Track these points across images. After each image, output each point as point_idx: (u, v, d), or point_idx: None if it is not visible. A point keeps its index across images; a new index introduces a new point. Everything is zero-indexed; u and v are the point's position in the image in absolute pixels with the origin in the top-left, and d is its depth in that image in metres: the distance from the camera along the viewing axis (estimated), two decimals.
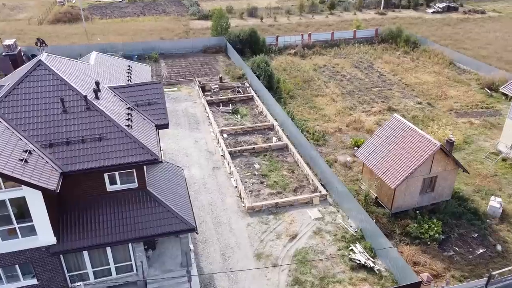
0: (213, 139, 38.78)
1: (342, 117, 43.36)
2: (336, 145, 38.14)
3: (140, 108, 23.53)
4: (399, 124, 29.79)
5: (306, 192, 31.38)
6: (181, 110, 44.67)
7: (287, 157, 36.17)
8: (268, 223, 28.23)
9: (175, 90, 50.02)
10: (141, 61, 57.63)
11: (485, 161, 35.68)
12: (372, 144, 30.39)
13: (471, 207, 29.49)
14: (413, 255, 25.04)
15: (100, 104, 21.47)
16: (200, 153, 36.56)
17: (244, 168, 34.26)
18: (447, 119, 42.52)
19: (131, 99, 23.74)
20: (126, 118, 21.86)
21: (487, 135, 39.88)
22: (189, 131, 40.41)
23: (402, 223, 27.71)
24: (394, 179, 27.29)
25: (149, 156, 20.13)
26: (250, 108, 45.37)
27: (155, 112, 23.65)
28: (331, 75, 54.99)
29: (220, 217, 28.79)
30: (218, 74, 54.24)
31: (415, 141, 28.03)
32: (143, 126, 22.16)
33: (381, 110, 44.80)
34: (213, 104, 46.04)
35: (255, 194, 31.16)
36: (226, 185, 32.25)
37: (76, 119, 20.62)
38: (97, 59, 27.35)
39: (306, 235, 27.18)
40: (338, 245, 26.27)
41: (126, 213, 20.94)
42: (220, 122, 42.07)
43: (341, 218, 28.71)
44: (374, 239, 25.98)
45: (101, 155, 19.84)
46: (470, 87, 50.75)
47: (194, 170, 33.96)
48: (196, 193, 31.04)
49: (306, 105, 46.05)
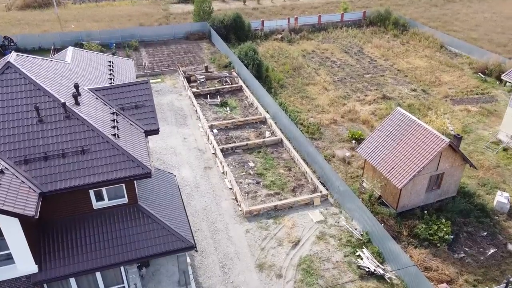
0: (203, 136, 36.50)
1: (336, 107, 41.55)
2: (332, 138, 36.39)
3: (126, 112, 21.10)
4: (403, 118, 28.12)
5: (305, 192, 29.64)
6: (166, 104, 42.04)
7: (282, 153, 34.26)
8: (268, 228, 26.45)
9: (158, 81, 47.17)
10: (119, 50, 54.42)
11: (486, 151, 34.56)
12: (374, 140, 28.71)
13: (478, 203, 28.32)
14: (424, 260, 23.72)
15: (81, 111, 18.99)
16: (190, 152, 34.29)
17: (238, 167, 32.23)
18: (444, 107, 41.19)
19: (116, 102, 21.27)
20: (112, 125, 19.45)
21: (485, 123, 38.75)
22: (177, 127, 37.97)
23: (409, 223, 26.34)
24: (401, 178, 25.73)
25: (140, 170, 17.90)
26: (239, 100, 43.07)
27: (143, 116, 21.26)
28: (321, 62, 52.91)
29: (216, 223, 26.84)
30: (203, 63, 51.53)
31: (421, 137, 26.44)
32: (131, 134, 19.80)
33: (376, 99, 43.16)
34: (200, 96, 43.52)
35: (252, 196, 29.25)
36: (220, 186, 30.21)
37: (54, 129, 18.12)
38: (74, 56, 24.55)
39: (309, 240, 25.54)
40: (344, 251, 24.74)
41: (116, 232, 18.78)
42: (208, 116, 39.71)
43: (345, 220, 27.15)
44: (381, 243, 24.54)
45: (85, 170, 17.51)
46: (464, 71, 49.49)
47: (185, 171, 31.75)
48: (189, 197, 28.93)
49: (297, 95, 44.01)
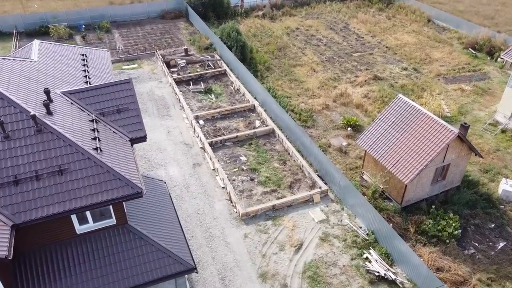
0: (188, 128, 33.94)
1: (326, 90, 39.48)
2: (326, 126, 34.49)
3: (107, 117, 18.45)
4: (406, 106, 26.34)
5: (303, 188, 27.85)
6: (146, 93, 39.01)
7: (275, 144, 32.18)
8: (268, 231, 24.65)
9: (135, 67, 43.80)
10: (89, 32, 50.40)
11: (484, 134, 33.41)
12: (375, 131, 26.93)
13: (483, 193, 27.22)
14: (435, 259, 22.52)
15: (55, 122, 16.28)
16: (176, 147, 31.78)
17: (229, 163, 30.03)
18: (437, 87, 39.72)
19: (94, 106, 18.55)
20: (92, 136, 16.85)
21: (481, 104, 37.55)
22: (159, 119, 35.21)
23: (415, 219, 25.00)
24: (407, 173, 24.18)
25: (129, 190, 15.54)
26: (224, 85, 40.40)
27: (128, 121, 18.65)
28: (306, 40, 50.35)
29: (211, 228, 24.83)
30: (182, 45, 48.19)
31: (427, 127, 24.79)
32: (116, 146, 17.27)
33: (367, 80, 41.25)
34: (182, 82, 40.58)
35: (247, 195, 27.27)
36: (211, 186, 28.05)
37: (24, 147, 15.43)
38: (41, 52, 21.39)
39: (312, 243, 23.92)
40: (351, 253, 23.26)
41: (104, 259, 16.53)
42: (193, 105, 37.03)
43: (348, 217, 25.59)
44: (389, 243, 23.15)
45: (64, 194, 15.03)
46: (453, 47, 47.98)
47: (172, 170, 29.36)
48: (179, 200, 26.71)
49: (285, 78, 41.64)
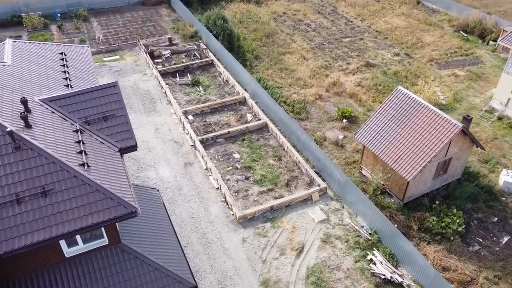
0: (177, 124, 32.36)
1: (318, 79, 38.19)
2: (320, 118, 33.34)
3: (93, 126, 16.87)
4: (406, 99, 25.32)
5: (301, 186, 26.81)
6: (130, 87, 37.08)
7: (269, 139, 30.94)
8: (267, 234, 23.63)
9: (117, 58, 41.62)
10: (66, 21, 47.65)
11: (481, 121, 32.79)
12: (374, 125, 25.90)
13: (484, 185, 26.63)
14: (440, 259, 21.89)
15: (35, 136, 14.67)
16: (165, 145, 30.25)
17: (222, 161, 28.73)
18: (431, 73, 38.85)
19: (78, 114, 16.93)
20: (78, 150, 15.31)
21: (475, 89, 36.86)
22: (146, 115, 33.49)
23: (418, 216, 24.29)
24: (410, 170, 23.30)
25: (122, 210, 14.16)
26: (212, 77, 38.71)
27: (115, 129, 17.11)
28: (294, 25, 48.68)
29: (207, 234, 23.67)
30: (166, 34, 46.02)
31: (430, 121, 23.85)
32: (104, 158, 15.78)
33: (359, 67, 40.07)
34: (168, 74, 38.72)
35: (243, 195, 26.11)
36: (205, 186, 26.77)
37: (2, 167, 13.84)
38: (15, 53, 19.46)
39: (314, 245, 23.02)
40: (354, 255, 22.45)
41: (98, 283, 15.23)
42: (180, 98, 35.36)
43: (349, 216, 24.73)
44: (393, 242, 22.41)
45: (50, 219, 13.57)
46: (444, 30, 47.01)
47: (163, 170, 27.91)
48: (172, 203, 25.39)
49: (275, 67, 40.15)
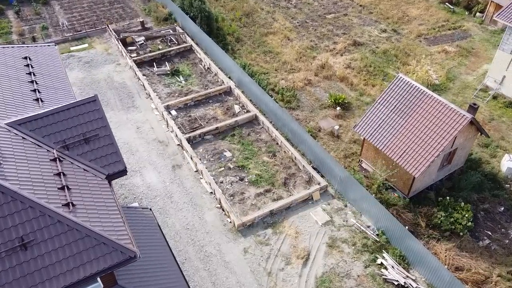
0: (160, 121, 29.88)
1: (305, 62, 36.11)
2: (312, 105, 31.52)
3: (73, 151, 14.51)
4: (408, 88, 23.72)
5: (300, 184, 25.24)
6: (104, 80, 34.00)
7: (260, 133, 29.01)
8: (269, 242, 22.10)
9: (85, 47, 38.12)
10: (24, 6, 43.30)
11: (476, 101, 31.77)
12: (375, 116, 24.32)
13: (488, 172, 25.79)
14: (452, 258, 20.99)
15: (6, 175, 12.28)
16: (149, 146, 27.88)
17: (213, 161, 26.71)
18: (420, 50, 37.37)
19: (55, 138, 14.49)
20: (59, 185, 13.01)
21: (467, 66, 35.70)
22: (124, 112, 30.78)
23: (425, 211, 23.26)
24: (417, 165, 21.99)
25: (119, 256, 12.15)
26: (192, 64, 35.99)
27: (100, 152, 14.81)
28: (274, 2, 45.88)
29: (205, 246, 21.93)
30: (137, 17, 42.48)
31: (436, 112, 22.41)
32: (91, 191, 13.54)
33: (346, 47, 38.12)
34: (144, 64, 35.72)
35: (239, 199, 24.34)
36: (197, 191, 24.81)
37: None
38: None
39: (320, 251, 21.68)
40: (363, 260, 21.27)
41: None
42: (160, 91, 32.68)
43: (353, 216, 23.44)
44: (402, 243, 21.32)
45: (33, 276, 11.45)
46: (429, 2, 45.27)
47: (149, 176, 25.69)
48: (163, 214, 23.39)
49: (258, 50, 37.73)
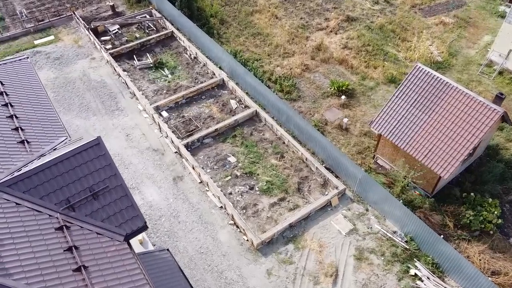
0: (150, 124, 26.91)
1: (299, 44, 33.39)
2: (313, 95, 29.23)
3: (80, 211, 11.89)
4: (429, 79, 21.77)
5: (315, 189, 23.37)
6: (79, 79, 30.27)
7: (263, 131, 26.66)
8: (292, 260, 20.39)
9: (51, 40, 33.81)
10: None
11: (482, 78, 30.37)
12: (394, 112, 22.40)
13: (507, 159, 24.67)
14: (487, 261, 19.98)
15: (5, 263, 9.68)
16: (143, 157, 25.06)
17: (217, 169, 24.31)
18: (417, 23, 35.29)
19: (56, 198, 11.78)
20: (73, 265, 10.52)
21: (467, 39, 34.02)
22: (109, 116, 27.53)
23: (451, 210, 22.02)
24: (445, 165, 20.45)
25: None
26: (176, 54, 32.60)
27: (113, 208, 12.25)
28: None
29: (224, 271, 19.97)
30: (106, 0, 38.03)
31: (462, 106, 20.68)
32: (112, 264, 11.10)
33: (340, 23, 35.56)
34: (122, 56, 32.06)
35: (252, 212, 22.30)
36: (205, 206, 22.55)
37: None
38: None
39: (349, 266, 20.19)
40: (395, 271, 19.95)
41: None
42: (145, 88, 29.43)
43: (376, 221, 21.94)
44: (433, 249, 20.06)
45: None
46: None
47: (149, 193, 23.10)
48: (172, 237, 21.10)
49: (246, 32, 34.60)
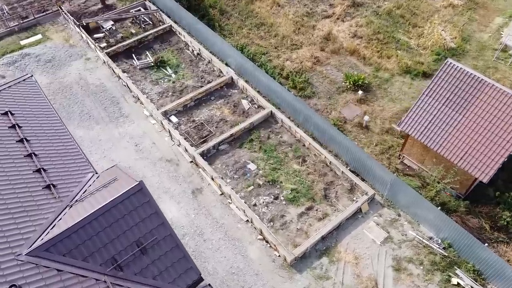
0: (160, 131, 25.16)
1: (306, 34, 31.67)
2: (328, 90, 27.81)
3: (129, 270, 10.44)
4: (462, 76, 20.56)
5: (342, 195, 22.24)
6: (76, 83, 28.03)
7: (280, 133, 25.22)
8: (329, 275, 19.40)
9: (39, 39, 31.20)
10: None
11: (498, 64, 29.39)
12: (424, 111, 21.21)
13: None
14: None
15: None
16: (157, 168, 23.39)
17: (237, 178, 22.89)
18: (425, 6, 33.87)
19: (101, 257, 10.27)
20: None
21: (478, 22, 32.85)
22: (114, 124, 25.59)
23: (485, 211, 21.28)
24: (484, 168, 19.51)
25: None
26: (177, 50, 30.50)
27: (164, 263, 10.82)
28: None
29: None
30: None
31: (500, 105, 19.60)
32: None
33: (345, 9, 33.88)
34: (119, 55, 29.82)
35: (281, 224, 21.11)
36: (230, 221, 21.24)
37: None
38: None
39: (388, 278, 19.34)
40: (436, 281, 19.20)
41: None
42: (149, 90, 27.47)
43: (410, 227, 21.06)
44: (473, 254, 19.34)
45: None
46: None
47: (168, 208, 21.58)
48: (199, 258, 19.78)
49: (248, 23, 32.64)
